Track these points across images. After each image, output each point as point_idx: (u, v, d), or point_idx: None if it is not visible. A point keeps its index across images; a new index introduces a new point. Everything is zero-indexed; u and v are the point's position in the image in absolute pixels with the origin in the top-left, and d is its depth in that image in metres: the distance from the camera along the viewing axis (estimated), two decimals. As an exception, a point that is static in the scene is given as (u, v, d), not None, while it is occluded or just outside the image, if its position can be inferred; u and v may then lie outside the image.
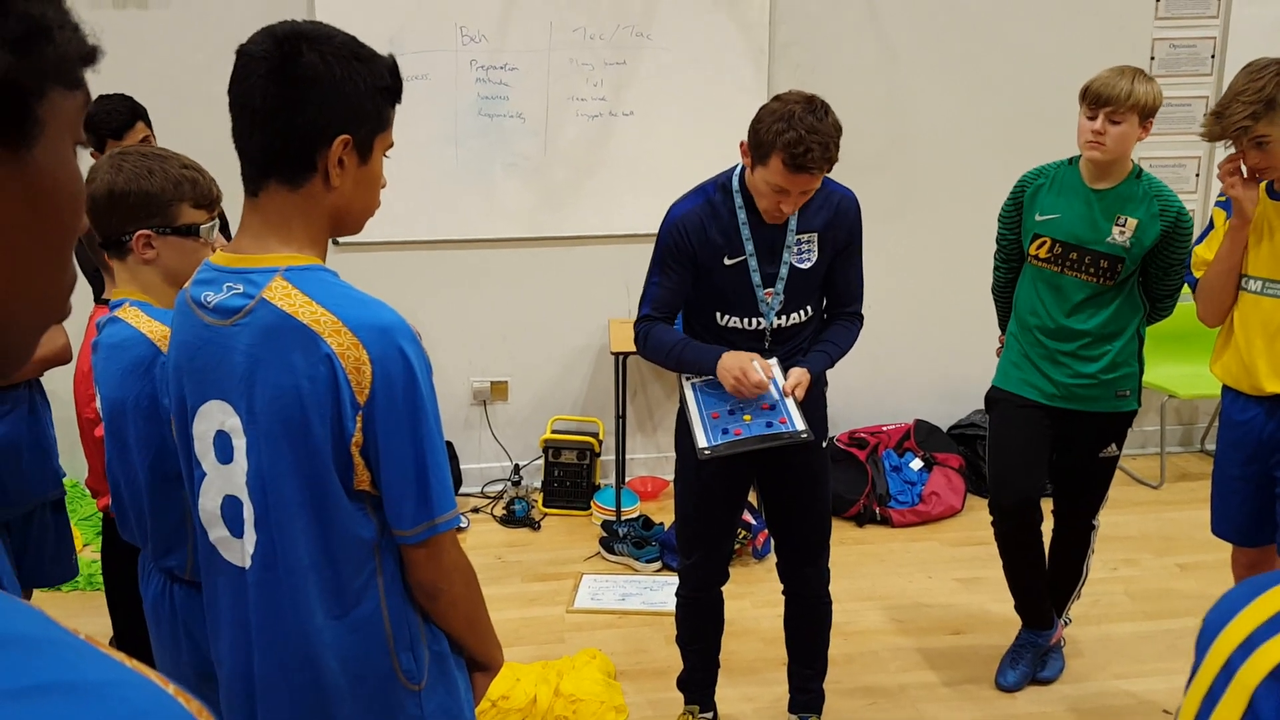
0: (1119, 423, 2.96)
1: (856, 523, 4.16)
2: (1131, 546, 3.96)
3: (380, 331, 1.28)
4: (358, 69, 1.29)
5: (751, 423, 2.33)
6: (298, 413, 1.28)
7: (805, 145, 2.16)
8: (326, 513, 1.31)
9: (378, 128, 1.34)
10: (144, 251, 1.86)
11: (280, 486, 1.31)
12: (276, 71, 1.27)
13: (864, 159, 4.29)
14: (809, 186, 2.26)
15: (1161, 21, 4.39)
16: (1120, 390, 2.89)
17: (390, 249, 4.20)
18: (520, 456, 4.45)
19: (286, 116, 1.28)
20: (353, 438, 1.29)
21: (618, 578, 3.76)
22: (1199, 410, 4.83)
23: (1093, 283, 2.81)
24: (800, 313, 2.47)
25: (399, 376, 1.28)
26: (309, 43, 1.27)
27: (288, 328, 1.28)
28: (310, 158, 1.30)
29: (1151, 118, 2.71)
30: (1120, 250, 2.76)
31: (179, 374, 1.41)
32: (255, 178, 1.33)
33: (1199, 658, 0.65)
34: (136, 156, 1.87)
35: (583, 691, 2.88)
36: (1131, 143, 2.71)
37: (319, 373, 1.26)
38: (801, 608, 2.73)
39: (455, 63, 4.10)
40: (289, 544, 1.32)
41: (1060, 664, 3.18)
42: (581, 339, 4.43)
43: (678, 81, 4.14)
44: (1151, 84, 2.69)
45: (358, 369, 1.27)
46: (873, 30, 4.28)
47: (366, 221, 1.41)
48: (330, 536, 1.32)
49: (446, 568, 1.36)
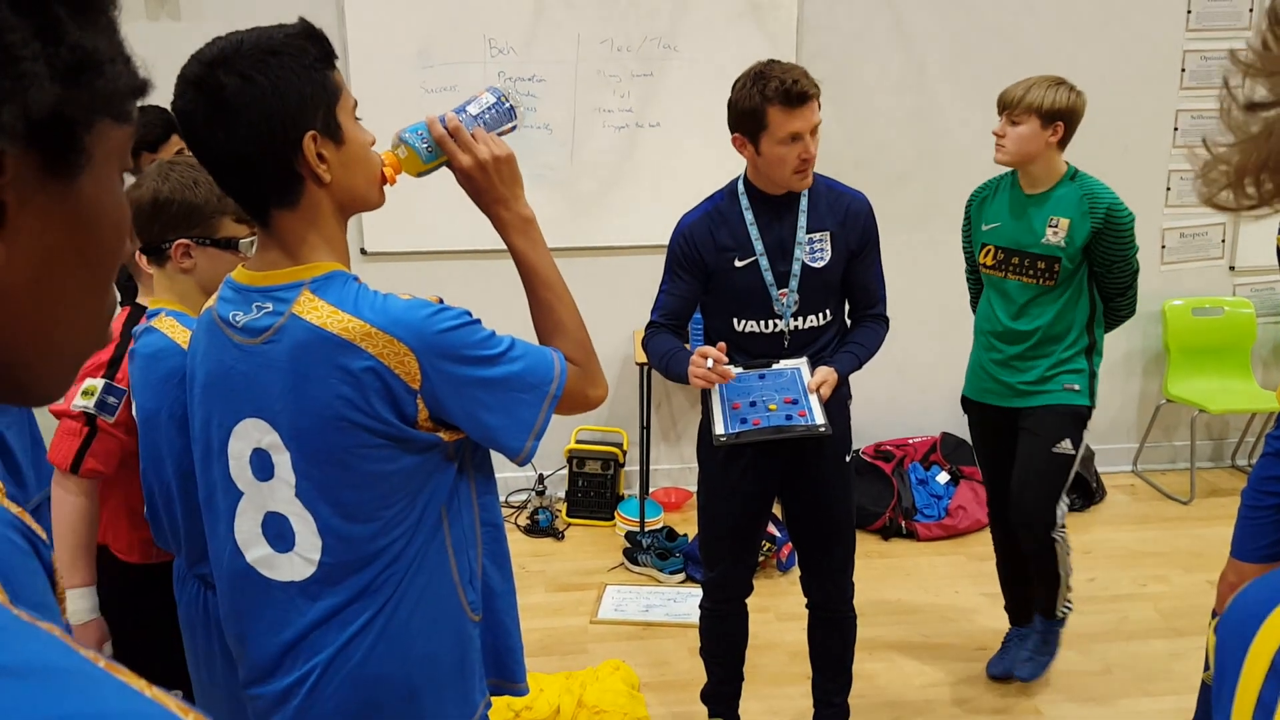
0: (1070, 417, 2.98)
1: (882, 536, 4.14)
2: (1162, 563, 3.92)
3: (404, 322, 1.30)
4: (281, 64, 1.25)
5: (773, 414, 2.33)
6: (342, 418, 1.30)
7: (791, 77, 2.26)
8: (378, 513, 1.35)
9: (332, 102, 1.29)
10: (182, 260, 1.89)
11: (330, 495, 1.34)
12: (211, 114, 1.24)
13: (891, 171, 4.29)
14: (813, 120, 2.31)
15: (1192, 34, 4.36)
16: (1068, 384, 2.96)
17: (419, 259, 4.22)
18: (545, 466, 4.45)
19: (246, 150, 1.25)
20: (418, 416, 1.32)
21: (641, 589, 3.75)
22: (1229, 425, 4.77)
23: (1034, 284, 2.92)
24: (818, 315, 2.47)
25: (440, 348, 1.30)
26: (222, 68, 1.24)
27: (322, 341, 1.29)
28: (290, 172, 1.28)
29: (1059, 122, 2.79)
30: (1056, 250, 2.87)
31: (208, 394, 1.41)
32: (257, 212, 1.33)
33: (1230, 665, 0.61)
34: (185, 167, 1.91)
35: (606, 703, 2.87)
36: (1034, 145, 2.81)
37: (364, 380, 1.28)
38: (825, 622, 2.71)
39: (483, 74, 4.12)
40: (348, 546, 1.35)
41: (1033, 668, 3.15)
42: (606, 349, 4.43)
43: (704, 93, 4.15)
44: (1059, 90, 2.79)
45: (401, 362, 1.29)
46: (900, 43, 4.28)
47: (381, 189, 1.39)
48: (385, 531, 1.35)
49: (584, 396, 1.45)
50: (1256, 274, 4.58)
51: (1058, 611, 3.19)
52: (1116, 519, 4.34)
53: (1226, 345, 4.57)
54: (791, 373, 2.40)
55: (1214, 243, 4.59)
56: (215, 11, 3.91)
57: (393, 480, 1.34)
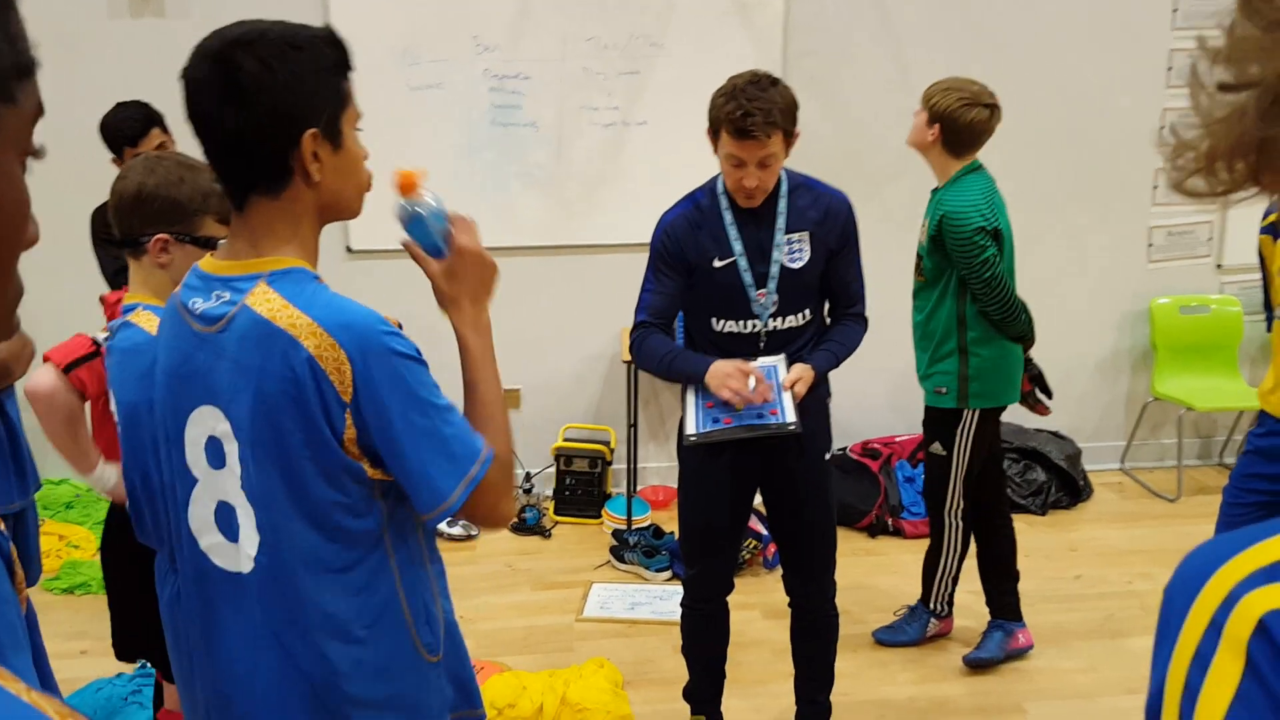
0: (940, 420, 3.08)
1: (869, 534, 4.14)
2: (1148, 561, 3.92)
3: (353, 328, 1.27)
4: (300, 59, 1.27)
5: (743, 412, 2.32)
6: (282, 416, 1.28)
7: (744, 111, 2.25)
8: (320, 511, 1.31)
9: (339, 108, 1.31)
10: (159, 255, 1.89)
11: (272, 489, 1.32)
12: (222, 90, 1.25)
13: (879, 169, 4.29)
14: (760, 154, 2.29)
15: (1179, 32, 4.36)
16: (938, 386, 3.06)
17: (403, 257, 4.18)
18: (532, 464, 4.45)
19: (247, 132, 1.26)
20: (344, 434, 1.28)
21: (627, 586, 3.75)
22: (1217, 423, 4.78)
23: (916, 280, 3.09)
24: (797, 316, 2.46)
25: (379, 367, 1.27)
26: (244, 49, 1.25)
27: (267, 333, 1.28)
28: (284, 163, 1.29)
29: (937, 124, 2.91)
30: (921, 248, 3.03)
31: (169, 379, 1.41)
32: (237, 194, 1.33)
33: (1174, 621, 0.61)
34: (172, 163, 1.91)
35: (589, 701, 2.87)
36: (917, 137, 2.97)
37: (301, 376, 1.26)
38: (807, 621, 2.71)
39: (469, 72, 4.12)
40: (290, 545, 1.33)
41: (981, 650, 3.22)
42: (594, 347, 4.43)
43: (691, 91, 4.11)
44: (951, 95, 2.89)
45: (338, 369, 1.26)
46: (887, 41, 4.28)
47: (363, 200, 1.39)
48: (329, 534, 1.32)
49: (499, 507, 1.36)
50: (1243, 272, 4.58)
51: (931, 602, 3.27)
52: (1104, 517, 4.34)
53: (1213, 343, 4.58)
54: (768, 370, 2.39)
55: (1201, 241, 4.60)
56: (200, 10, 3.90)
57: (327, 500, 1.31)
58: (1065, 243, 4.49)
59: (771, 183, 2.36)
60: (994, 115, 2.91)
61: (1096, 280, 4.58)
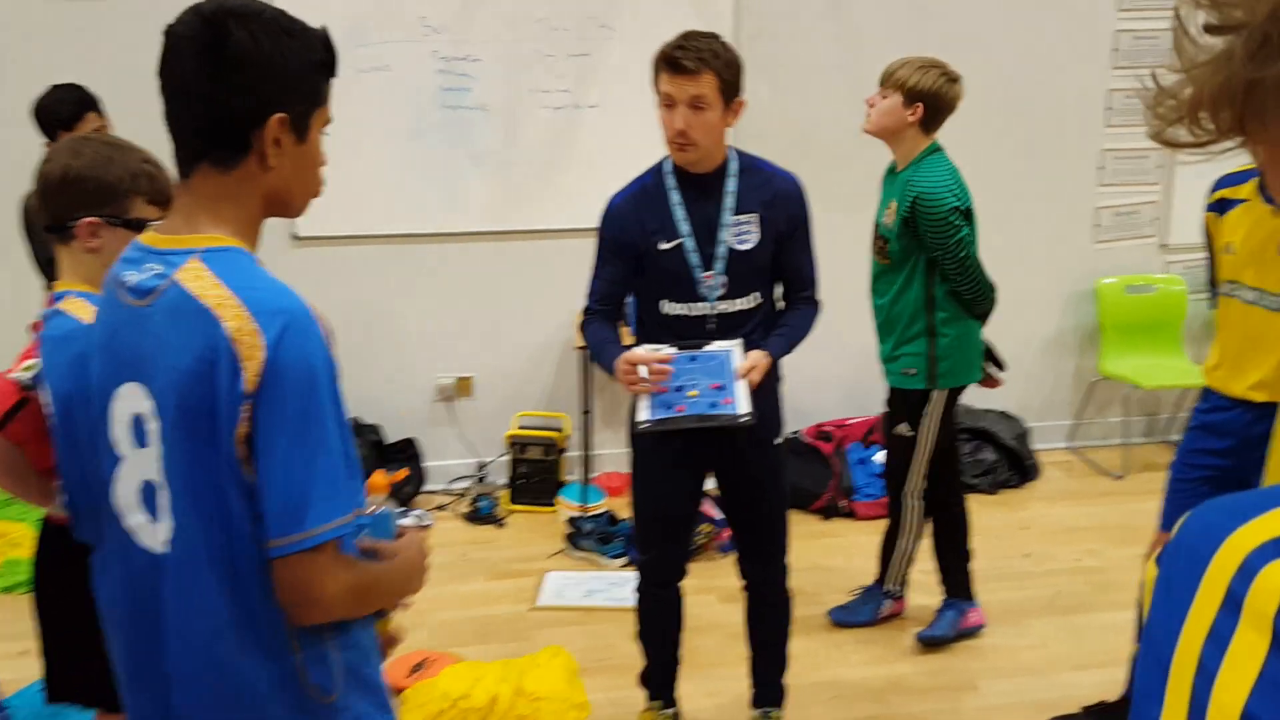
0: (908, 401, 3.09)
1: (822, 516, 4.16)
2: (1096, 537, 3.99)
3: (279, 317, 1.22)
4: (290, 44, 1.27)
5: (696, 399, 2.31)
6: (195, 399, 1.23)
7: (678, 45, 2.28)
8: (224, 507, 1.25)
9: (314, 104, 1.31)
10: (88, 240, 1.83)
11: (186, 474, 1.27)
12: (206, 51, 1.24)
13: (829, 151, 4.28)
14: (691, 91, 2.28)
15: (1124, 14, 4.41)
16: (905, 368, 3.06)
17: (352, 243, 4.14)
18: (485, 453, 4.41)
19: (219, 98, 1.25)
20: (238, 429, 1.22)
21: (583, 574, 3.73)
22: (1162, 401, 4.86)
23: (878, 262, 3.06)
24: (746, 299, 2.44)
25: (291, 369, 1.21)
26: (238, 19, 1.24)
27: (192, 310, 1.24)
28: (244, 139, 1.27)
29: (920, 103, 2.88)
30: (887, 231, 2.98)
31: (98, 353, 1.37)
32: (187, 160, 1.30)
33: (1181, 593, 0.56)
34: (98, 144, 1.85)
35: (544, 690, 2.85)
36: (893, 120, 2.91)
37: (216, 356, 1.21)
38: (761, 604, 2.71)
39: (416, 54, 4.05)
40: (193, 536, 1.27)
41: (934, 629, 3.26)
42: (547, 334, 4.40)
43: (642, 73, 4.08)
44: (928, 72, 2.89)
45: (251, 355, 1.21)
46: (837, 23, 4.27)
47: (308, 205, 1.38)
48: (232, 532, 1.26)
49: (315, 594, 1.24)
50: (1188, 251, 4.65)
51: (886, 583, 3.28)
52: (1052, 495, 4.41)
53: (1158, 322, 4.65)
54: (723, 356, 2.38)
55: (1146, 221, 4.67)
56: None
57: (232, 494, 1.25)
58: (1012, 224, 4.53)
59: (706, 138, 2.32)
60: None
61: (1043, 261, 4.62)
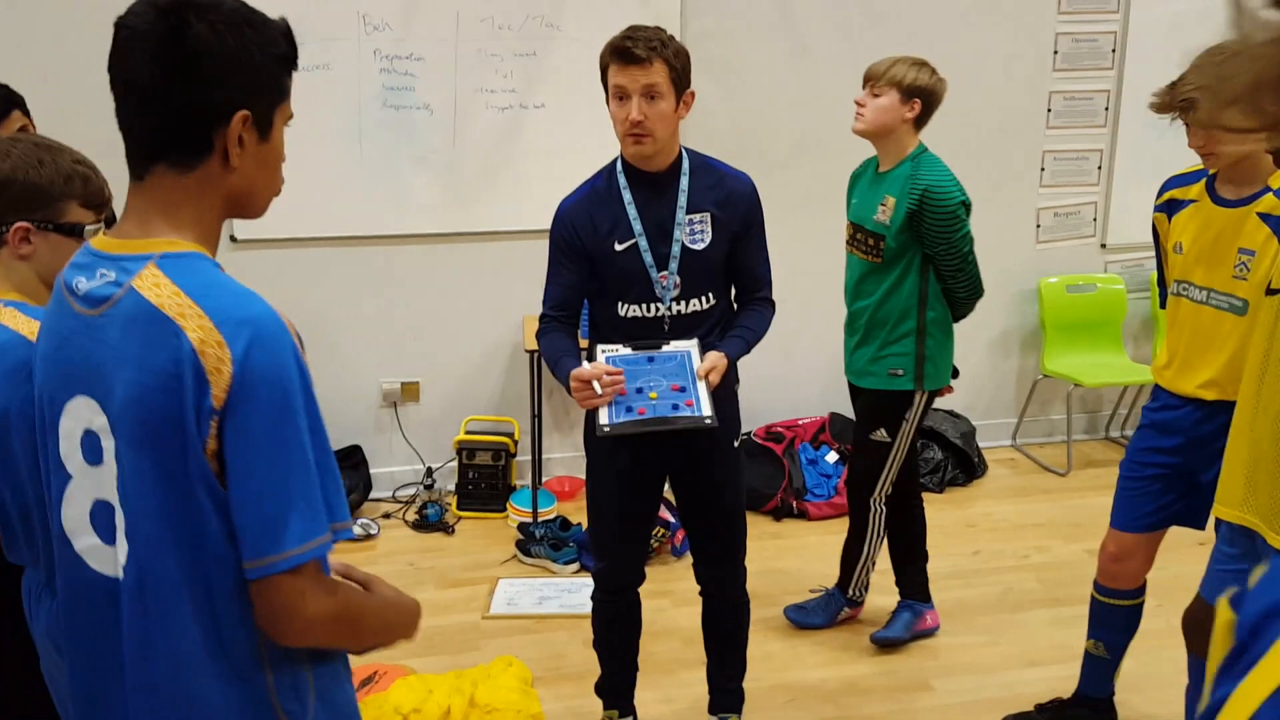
0: (891, 403, 3.05)
1: (774, 517, 4.15)
2: (1041, 534, 4.03)
3: (246, 327, 1.16)
4: (251, 37, 1.21)
5: (657, 402, 2.28)
6: (159, 414, 1.16)
7: (626, 36, 2.28)
8: (195, 527, 1.18)
9: (277, 99, 1.26)
10: (20, 246, 1.74)
11: (145, 494, 1.19)
12: (164, 45, 1.17)
13: (776, 153, 4.29)
14: (643, 81, 2.27)
15: (1064, 16, 4.48)
16: (892, 369, 3.02)
17: (293, 246, 4.04)
18: (433, 459, 4.33)
19: (178, 95, 1.18)
20: (207, 445, 1.16)
21: (535, 580, 3.68)
22: (1103, 398, 4.95)
23: (867, 260, 3.00)
24: (700, 300, 2.42)
25: (261, 384, 1.15)
26: (196, 11, 1.18)
27: (152, 319, 1.17)
28: (206, 138, 1.21)
29: (917, 99, 2.88)
30: (881, 228, 2.93)
31: (45, 364, 1.29)
32: (142, 161, 1.23)
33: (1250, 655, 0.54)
34: (28, 145, 1.76)
35: (498, 700, 2.80)
36: (890, 117, 2.88)
37: (180, 370, 1.15)
38: (718, 608, 2.69)
39: (358, 52, 3.96)
40: (159, 559, 1.19)
41: (889, 630, 3.26)
42: (494, 336, 4.34)
43: (589, 74, 4.03)
44: (921, 69, 2.90)
45: (218, 368, 1.15)
46: (785, 25, 4.27)
47: (269, 204, 1.32)
48: (201, 556, 1.19)
49: (295, 617, 1.19)
50: (1126, 251, 4.74)
51: (851, 590, 3.29)
52: (998, 492, 4.45)
53: (1099, 321, 4.73)
54: (681, 356, 2.35)
55: (1086, 221, 4.74)
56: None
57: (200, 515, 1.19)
58: (958, 225, 4.57)
59: (662, 128, 2.29)
60: None
61: (987, 261, 4.57)
